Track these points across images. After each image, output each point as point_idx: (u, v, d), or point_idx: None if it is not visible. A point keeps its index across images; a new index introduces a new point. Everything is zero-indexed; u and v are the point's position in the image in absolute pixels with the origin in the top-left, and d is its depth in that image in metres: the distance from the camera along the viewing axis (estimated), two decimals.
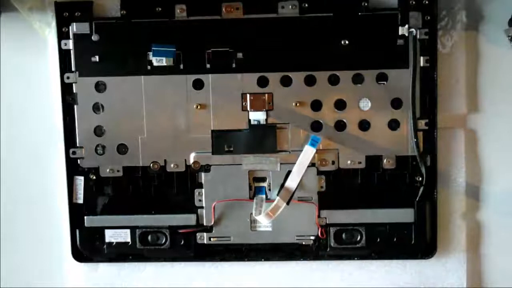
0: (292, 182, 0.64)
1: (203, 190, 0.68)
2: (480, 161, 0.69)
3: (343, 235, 0.68)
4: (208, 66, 0.67)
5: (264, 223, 0.65)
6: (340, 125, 0.67)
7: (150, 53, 0.66)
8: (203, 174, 0.68)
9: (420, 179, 0.67)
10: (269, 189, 0.68)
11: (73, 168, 0.68)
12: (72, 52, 0.67)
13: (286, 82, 0.67)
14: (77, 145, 0.68)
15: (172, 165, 0.67)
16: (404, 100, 0.66)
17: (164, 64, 0.66)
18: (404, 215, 0.67)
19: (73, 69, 0.67)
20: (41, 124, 0.71)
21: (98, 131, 0.68)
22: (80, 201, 0.69)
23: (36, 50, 0.69)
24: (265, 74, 0.66)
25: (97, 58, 0.67)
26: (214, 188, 0.67)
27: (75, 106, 0.67)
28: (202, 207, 0.68)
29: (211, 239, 0.69)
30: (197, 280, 0.71)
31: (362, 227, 0.68)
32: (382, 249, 0.68)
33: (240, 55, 0.66)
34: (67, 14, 0.67)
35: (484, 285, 0.71)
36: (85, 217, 0.69)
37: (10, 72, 0.70)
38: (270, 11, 0.66)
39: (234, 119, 0.67)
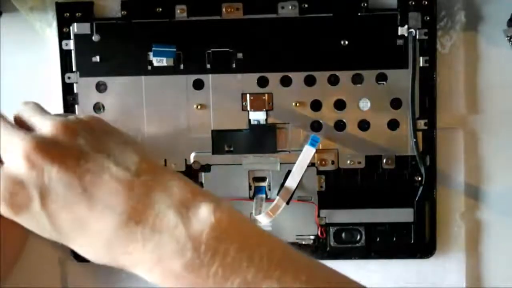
0: (292, 182, 0.64)
1: None
2: (479, 161, 0.69)
3: (343, 235, 0.68)
4: (208, 66, 0.67)
5: (264, 222, 0.65)
6: (339, 125, 0.67)
7: (151, 53, 0.66)
8: (203, 174, 0.68)
9: (419, 179, 0.67)
10: (269, 189, 0.68)
11: None
12: (73, 52, 0.67)
13: (286, 82, 0.67)
14: None
15: (172, 165, 0.68)
16: (403, 100, 0.66)
17: (165, 64, 0.66)
18: (404, 214, 0.67)
19: (74, 69, 0.67)
20: None
21: None
22: None
23: (37, 50, 0.69)
24: (265, 74, 0.67)
25: (97, 58, 0.67)
26: (214, 187, 0.67)
27: (76, 106, 0.68)
28: None
29: None
30: None
31: (361, 226, 0.68)
32: (382, 248, 0.68)
33: (240, 55, 0.66)
34: (68, 14, 0.67)
35: (483, 285, 0.71)
36: None
37: (11, 72, 0.70)
38: (270, 12, 0.66)
39: (234, 119, 0.67)
